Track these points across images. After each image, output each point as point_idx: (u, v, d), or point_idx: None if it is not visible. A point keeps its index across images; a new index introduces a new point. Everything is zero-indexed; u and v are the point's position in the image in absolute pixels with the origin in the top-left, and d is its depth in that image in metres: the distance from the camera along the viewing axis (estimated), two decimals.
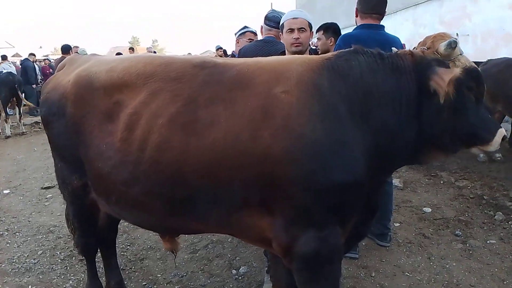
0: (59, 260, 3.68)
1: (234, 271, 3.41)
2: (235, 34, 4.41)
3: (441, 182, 5.48)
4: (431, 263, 3.45)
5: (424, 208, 4.59)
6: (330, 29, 4.46)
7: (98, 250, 2.90)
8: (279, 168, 1.77)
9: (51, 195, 5.50)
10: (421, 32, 9.54)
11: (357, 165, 1.80)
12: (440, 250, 3.67)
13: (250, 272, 3.38)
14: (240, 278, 3.31)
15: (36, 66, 15.29)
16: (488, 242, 3.77)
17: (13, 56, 21.49)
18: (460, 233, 3.95)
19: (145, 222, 2.29)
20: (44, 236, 4.22)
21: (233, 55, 6.38)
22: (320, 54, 3.10)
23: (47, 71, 15.30)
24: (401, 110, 1.87)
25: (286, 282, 2.40)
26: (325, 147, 1.76)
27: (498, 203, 4.63)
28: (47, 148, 8.40)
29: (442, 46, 1.87)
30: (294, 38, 2.90)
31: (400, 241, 3.84)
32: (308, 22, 2.96)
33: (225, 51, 12.75)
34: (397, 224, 4.18)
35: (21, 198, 5.48)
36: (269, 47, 3.37)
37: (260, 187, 1.83)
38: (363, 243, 3.70)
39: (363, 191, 1.88)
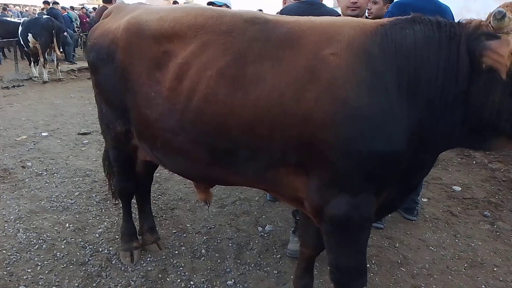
0: (95, 202, 3.87)
1: (260, 228, 3.51)
2: None
3: (474, 162, 5.37)
4: (456, 241, 3.45)
5: (454, 187, 4.54)
6: None
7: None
8: (319, 131, 1.75)
9: (87, 141, 5.72)
10: (470, 6, 8.95)
11: (398, 139, 1.75)
12: (467, 229, 3.65)
13: (275, 231, 3.48)
14: (265, 235, 3.41)
15: (75, 13, 15.49)
16: None
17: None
18: (489, 214, 3.91)
19: (186, 169, 2.34)
20: (81, 179, 4.42)
21: None
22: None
23: (84, 20, 15.50)
24: (451, 87, 1.75)
25: (314, 243, 2.45)
26: (367, 116, 1.72)
27: None
28: (83, 96, 8.69)
29: (490, 18, 1.67)
30: (352, 2, 2.75)
31: (427, 216, 3.84)
32: None
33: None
34: (425, 200, 4.17)
35: (59, 141, 5.70)
36: (313, 9, 3.24)
37: (299, 148, 1.83)
38: (389, 215, 3.72)
39: (400, 166, 1.83)
